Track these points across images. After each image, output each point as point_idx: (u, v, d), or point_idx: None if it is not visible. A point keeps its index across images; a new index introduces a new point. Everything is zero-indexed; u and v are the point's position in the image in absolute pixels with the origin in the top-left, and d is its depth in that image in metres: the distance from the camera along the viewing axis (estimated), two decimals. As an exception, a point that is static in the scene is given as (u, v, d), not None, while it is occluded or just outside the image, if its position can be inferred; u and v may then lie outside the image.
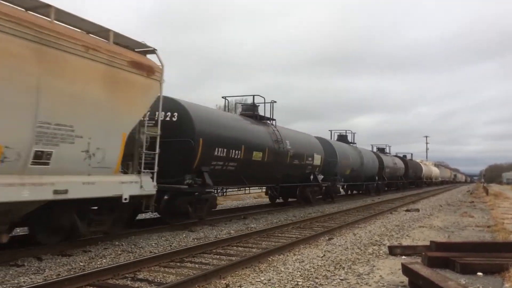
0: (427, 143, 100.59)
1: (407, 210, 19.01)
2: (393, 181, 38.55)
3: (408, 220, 15.08)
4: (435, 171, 70.36)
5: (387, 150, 42.01)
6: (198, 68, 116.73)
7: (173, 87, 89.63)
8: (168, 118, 11.79)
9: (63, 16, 7.54)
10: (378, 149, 38.79)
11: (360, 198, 28.21)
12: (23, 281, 6.04)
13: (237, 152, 13.66)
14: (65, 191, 7.28)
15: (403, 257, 8.44)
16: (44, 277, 6.34)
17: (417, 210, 19.20)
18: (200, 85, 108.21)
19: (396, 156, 44.19)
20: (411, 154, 54.11)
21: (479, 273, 7.04)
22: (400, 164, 41.71)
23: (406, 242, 10.30)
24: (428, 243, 8.69)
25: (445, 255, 7.67)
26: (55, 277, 6.23)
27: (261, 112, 17.18)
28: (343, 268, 7.36)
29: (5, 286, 5.77)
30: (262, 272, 6.89)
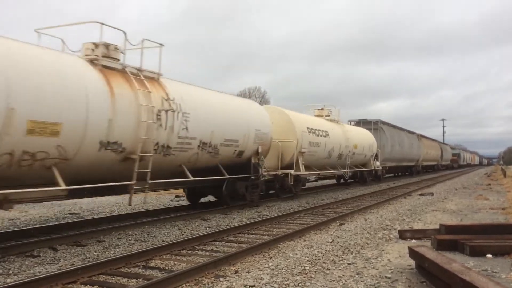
0: (443, 126, 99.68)
1: (421, 194, 18.94)
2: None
3: (421, 204, 15.03)
4: (360, 140, 23.80)
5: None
6: (224, 59, 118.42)
7: (196, 77, 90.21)
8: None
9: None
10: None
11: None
12: (38, 271, 6.21)
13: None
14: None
15: (413, 241, 8.46)
16: (59, 267, 6.52)
17: (431, 194, 19.10)
18: (225, 76, 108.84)
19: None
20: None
21: (489, 255, 7.04)
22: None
23: (417, 226, 10.30)
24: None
25: (454, 237, 7.67)
26: (69, 266, 6.42)
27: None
28: (352, 252, 7.42)
29: (21, 276, 5.95)
30: (271, 258, 6.99)
